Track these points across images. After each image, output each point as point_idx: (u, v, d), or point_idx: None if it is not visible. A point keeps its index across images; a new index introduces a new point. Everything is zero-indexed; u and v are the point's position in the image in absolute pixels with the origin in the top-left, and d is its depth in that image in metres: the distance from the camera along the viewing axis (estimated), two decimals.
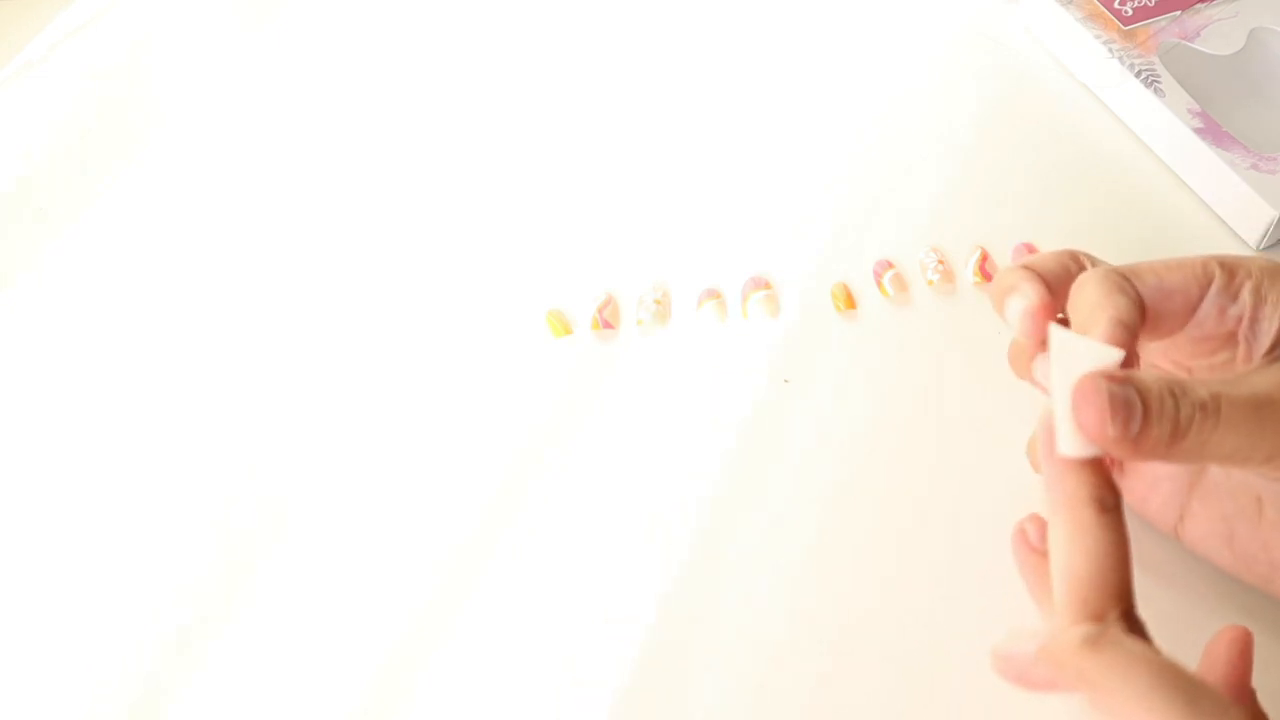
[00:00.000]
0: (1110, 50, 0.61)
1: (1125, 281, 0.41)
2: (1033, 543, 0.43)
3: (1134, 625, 0.37)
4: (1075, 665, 0.35)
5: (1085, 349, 0.39)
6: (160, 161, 0.62)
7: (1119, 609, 0.36)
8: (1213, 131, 0.57)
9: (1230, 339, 0.42)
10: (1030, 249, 0.56)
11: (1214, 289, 0.41)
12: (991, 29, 0.66)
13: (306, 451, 0.51)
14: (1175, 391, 0.37)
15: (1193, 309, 0.42)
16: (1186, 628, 0.44)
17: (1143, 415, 0.37)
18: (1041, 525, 0.43)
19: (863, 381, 0.53)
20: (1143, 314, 0.41)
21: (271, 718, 0.44)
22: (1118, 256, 0.54)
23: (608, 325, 0.55)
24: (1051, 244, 0.56)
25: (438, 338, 0.55)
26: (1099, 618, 0.36)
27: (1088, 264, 0.44)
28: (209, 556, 0.48)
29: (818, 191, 0.60)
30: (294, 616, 0.47)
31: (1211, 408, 0.37)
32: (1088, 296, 0.41)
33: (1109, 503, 0.37)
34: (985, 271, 0.55)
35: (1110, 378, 0.37)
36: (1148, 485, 0.46)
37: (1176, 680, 0.34)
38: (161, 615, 0.47)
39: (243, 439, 0.52)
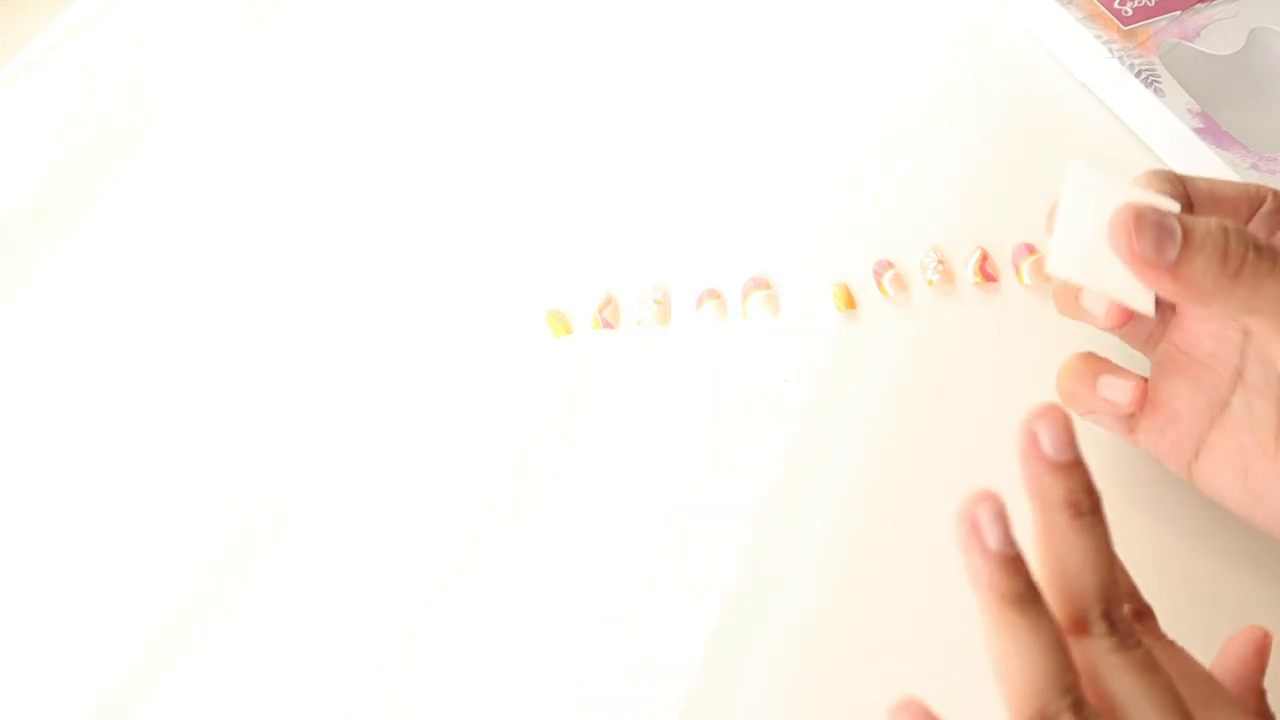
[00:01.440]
0: (1110, 50, 0.61)
1: (1176, 179, 0.42)
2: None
3: (1114, 625, 0.37)
4: None
5: (1125, 189, 0.40)
6: (160, 162, 0.62)
7: (1099, 609, 0.36)
8: (1213, 131, 0.57)
9: None
10: (1031, 249, 0.56)
11: (1265, 209, 0.42)
12: (991, 29, 0.66)
13: (307, 451, 0.51)
14: (1229, 228, 0.38)
15: (1241, 223, 0.42)
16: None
17: (1183, 241, 0.38)
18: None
19: (862, 382, 0.53)
20: (1187, 209, 0.42)
21: (271, 716, 0.44)
22: None
23: (608, 325, 0.55)
24: None
25: (438, 337, 0.55)
26: (1080, 623, 0.36)
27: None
28: (209, 556, 0.48)
29: (818, 191, 0.60)
30: (294, 616, 0.47)
31: (1269, 253, 0.38)
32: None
33: (1084, 506, 0.36)
34: (985, 271, 0.55)
35: (1148, 205, 0.39)
36: (1166, 417, 0.46)
37: None
38: (162, 615, 0.47)
39: (243, 439, 0.52)
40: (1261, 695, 0.40)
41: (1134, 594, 0.42)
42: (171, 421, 0.52)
